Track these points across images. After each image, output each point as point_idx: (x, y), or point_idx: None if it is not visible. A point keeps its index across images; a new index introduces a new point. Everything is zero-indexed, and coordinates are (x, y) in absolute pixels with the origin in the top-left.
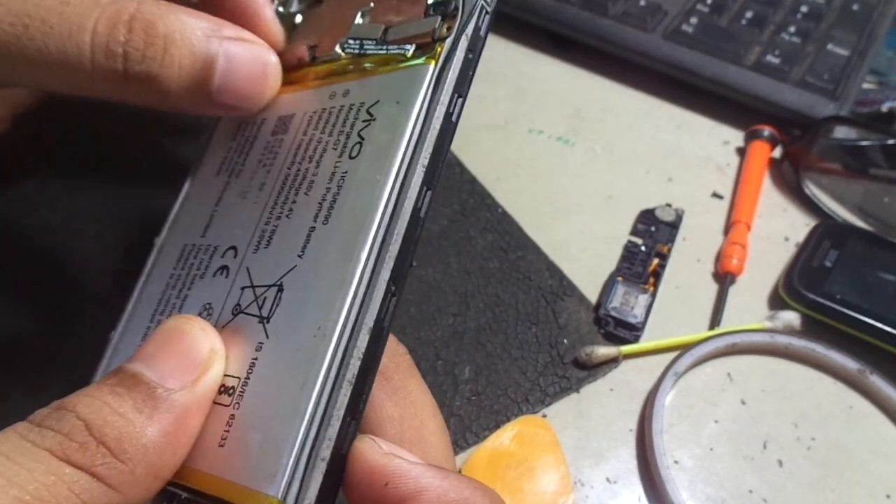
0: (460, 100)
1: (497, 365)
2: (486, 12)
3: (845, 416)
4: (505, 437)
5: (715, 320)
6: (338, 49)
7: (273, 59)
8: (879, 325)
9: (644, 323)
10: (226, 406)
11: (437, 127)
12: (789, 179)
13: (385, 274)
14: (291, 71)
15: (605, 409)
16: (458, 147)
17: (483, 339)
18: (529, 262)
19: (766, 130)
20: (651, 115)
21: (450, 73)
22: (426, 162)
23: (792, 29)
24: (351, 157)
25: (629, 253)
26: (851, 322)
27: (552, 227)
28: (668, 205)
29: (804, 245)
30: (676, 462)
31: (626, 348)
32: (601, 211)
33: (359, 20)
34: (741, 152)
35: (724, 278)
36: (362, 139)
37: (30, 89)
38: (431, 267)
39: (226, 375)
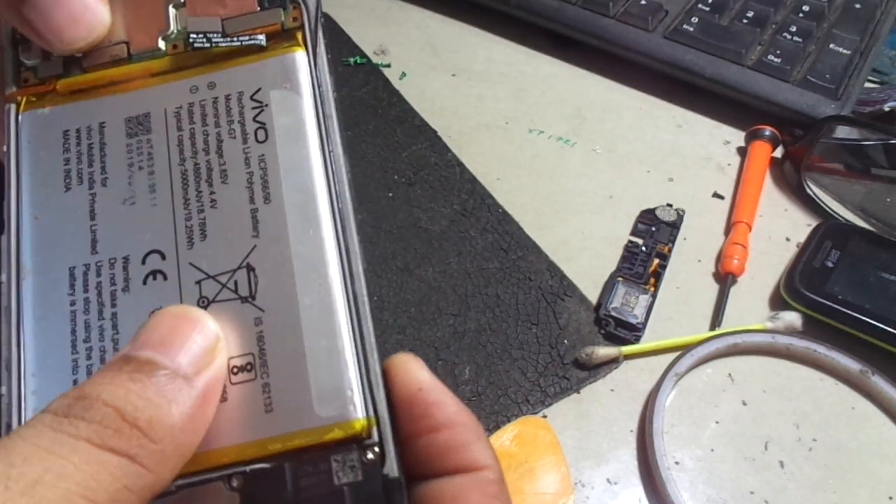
0: (332, 77)
1: (497, 365)
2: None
3: (847, 416)
4: (505, 437)
5: (716, 321)
6: (161, 44)
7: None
8: (881, 325)
9: (644, 323)
10: (253, 380)
11: (332, 100)
12: (790, 179)
13: (351, 225)
14: (103, 67)
15: (606, 410)
16: (458, 147)
17: (483, 340)
18: (530, 262)
19: (768, 130)
20: (652, 115)
21: (320, 57)
22: (338, 130)
23: (793, 28)
24: (259, 142)
25: (630, 253)
26: (853, 322)
27: (552, 227)
28: (669, 205)
29: (805, 245)
30: (677, 463)
31: (626, 349)
32: (601, 211)
33: (172, 13)
34: (742, 152)
35: (725, 278)
36: (263, 123)
37: None
38: (431, 267)
39: (236, 357)
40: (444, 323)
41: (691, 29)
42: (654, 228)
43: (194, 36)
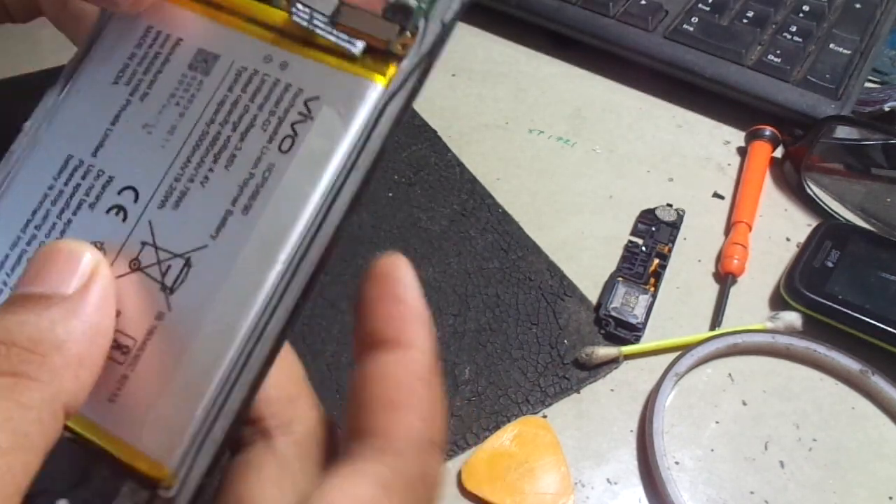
0: (397, 131)
1: (497, 365)
2: (443, 41)
3: (847, 417)
4: (505, 437)
5: (716, 321)
6: None
7: None
8: (881, 325)
9: (644, 323)
10: (119, 364)
11: (373, 153)
12: (790, 179)
13: (297, 290)
14: None
15: (606, 410)
16: (458, 147)
17: (483, 340)
18: (530, 262)
19: (768, 130)
20: (652, 115)
21: (396, 102)
22: (355, 188)
23: (793, 28)
24: (281, 151)
25: (630, 253)
26: (853, 322)
27: (552, 227)
28: (669, 205)
29: (805, 245)
30: (677, 463)
31: (626, 349)
32: (602, 211)
33: None
34: (742, 152)
35: (725, 278)
36: (295, 134)
37: None
38: (431, 267)
39: (121, 333)
40: (444, 323)
41: (691, 29)
42: (654, 228)
43: (300, 8)
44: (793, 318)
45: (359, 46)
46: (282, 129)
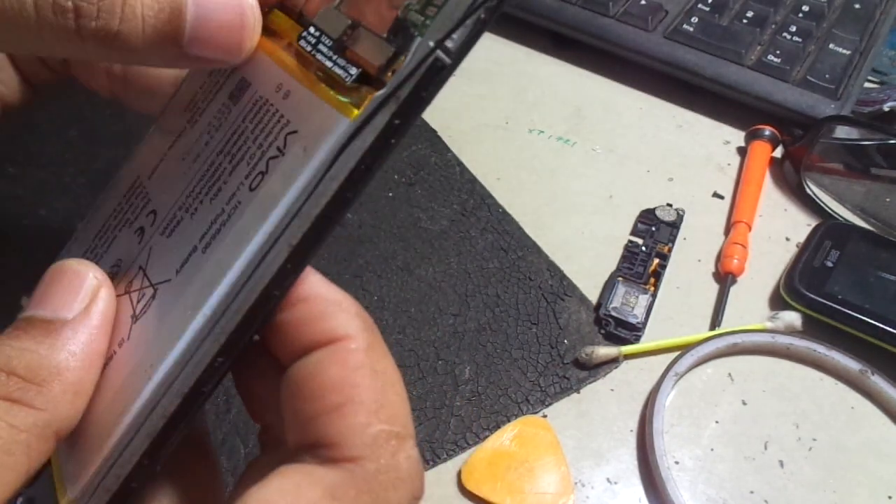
0: (367, 173)
1: (497, 365)
2: (443, 66)
3: (847, 416)
4: (505, 437)
5: (716, 320)
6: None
7: (251, 2)
8: (881, 325)
9: (644, 323)
10: None
11: (323, 202)
12: (790, 179)
13: (212, 347)
14: (279, 16)
15: (606, 410)
16: (458, 147)
17: (483, 340)
18: (530, 262)
19: (767, 130)
20: (651, 115)
21: (362, 138)
22: (294, 241)
23: (793, 28)
24: (250, 189)
25: (630, 253)
26: (853, 322)
27: (552, 227)
28: (669, 205)
29: (805, 245)
30: (677, 462)
31: (626, 348)
32: (601, 211)
33: None
34: (742, 152)
35: (724, 278)
36: (266, 172)
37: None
38: (431, 267)
39: None
40: (444, 323)
41: (691, 29)
42: (654, 228)
43: (311, 32)
44: (792, 317)
45: (352, 73)
46: (259, 165)
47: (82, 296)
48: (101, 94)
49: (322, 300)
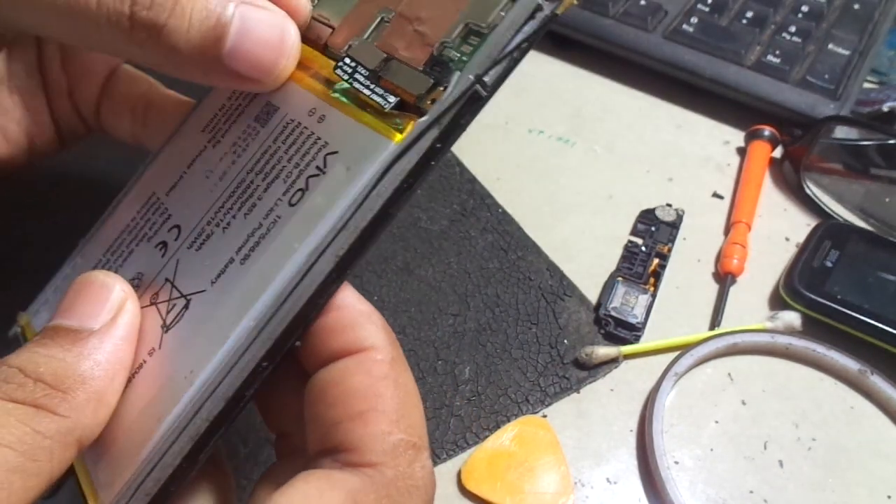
0: (408, 192)
1: (497, 365)
2: (480, 97)
3: (846, 416)
4: (505, 437)
5: (715, 320)
6: (345, 50)
7: (293, 30)
8: (880, 325)
9: (644, 323)
10: None
11: (370, 213)
12: (790, 179)
13: (258, 352)
14: (305, 48)
15: (606, 410)
16: (459, 147)
17: (483, 340)
18: (529, 262)
19: (767, 130)
20: (651, 115)
21: (407, 160)
22: (341, 252)
23: (792, 28)
24: (290, 204)
25: (629, 253)
26: (852, 322)
27: (552, 227)
28: (669, 205)
29: (805, 245)
30: (677, 462)
31: (626, 348)
32: (601, 211)
33: (372, 28)
34: (742, 152)
35: (724, 278)
36: (306, 189)
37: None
38: (431, 267)
39: None
40: (444, 323)
41: (691, 29)
42: (653, 228)
43: (346, 63)
44: (792, 317)
45: (391, 101)
46: (297, 183)
47: (109, 307)
48: (126, 140)
49: (353, 310)
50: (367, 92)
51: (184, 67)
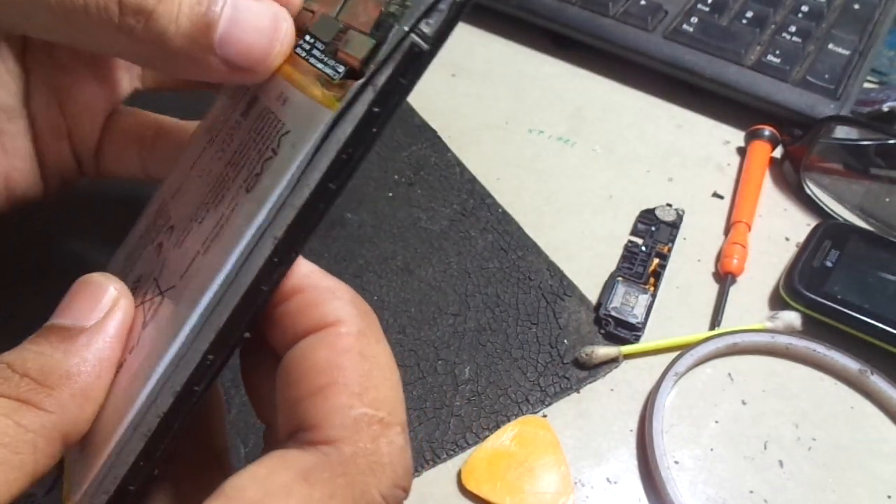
0: (349, 163)
1: (497, 365)
2: (421, 51)
3: (846, 416)
4: (505, 437)
5: (715, 320)
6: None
7: (286, 17)
8: (880, 325)
9: (644, 323)
10: None
11: (306, 192)
12: (790, 179)
13: (202, 345)
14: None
15: (606, 410)
16: (458, 147)
17: (483, 339)
18: (529, 262)
19: (767, 130)
20: (651, 115)
21: (343, 127)
22: (279, 233)
23: (792, 28)
24: (247, 190)
25: (629, 253)
26: (852, 322)
27: (552, 227)
28: (669, 205)
29: (805, 245)
30: (677, 462)
31: (626, 348)
32: (601, 211)
33: (341, 5)
34: (742, 152)
35: (724, 278)
36: (261, 173)
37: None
38: (431, 267)
39: None
40: (444, 323)
41: (691, 29)
42: (653, 228)
43: (306, 39)
44: (792, 317)
45: (340, 71)
46: (255, 168)
47: (101, 306)
48: (133, 175)
49: (315, 289)
50: (320, 66)
51: (174, 59)
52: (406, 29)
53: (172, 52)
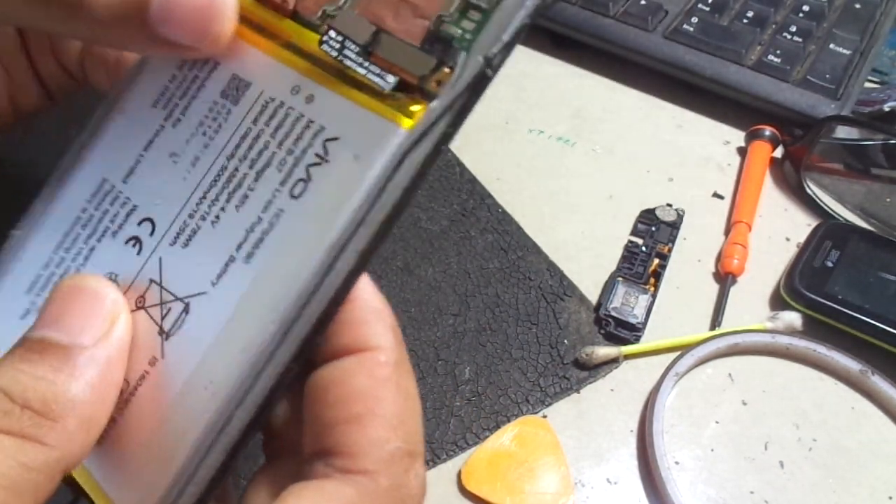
0: (423, 177)
1: (497, 365)
2: (487, 79)
3: (847, 416)
4: (505, 437)
5: (716, 321)
6: (317, 17)
7: None
8: (881, 325)
9: (644, 323)
10: None
11: (389, 206)
12: (790, 179)
13: (285, 356)
14: (266, 12)
15: (606, 410)
16: (459, 147)
17: (483, 340)
18: (529, 262)
19: (767, 130)
20: (651, 115)
21: (422, 149)
22: (362, 246)
23: (793, 28)
24: (293, 196)
25: (630, 253)
26: (853, 322)
27: (552, 227)
28: (669, 205)
29: (805, 245)
30: (677, 463)
31: (626, 349)
32: (601, 211)
33: None
34: (742, 152)
35: (724, 278)
36: (309, 179)
37: None
38: (431, 267)
39: None
40: (444, 323)
41: (691, 29)
42: (654, 228)
43: (332, 37)
44: (793, 317)
45: (390, 82)
46: (296, 172)
47: (101, 320)
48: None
49: (365, 306)
50: (361, 71)
51: (111, 35)
52: (481, 60)
53: (104, 26)
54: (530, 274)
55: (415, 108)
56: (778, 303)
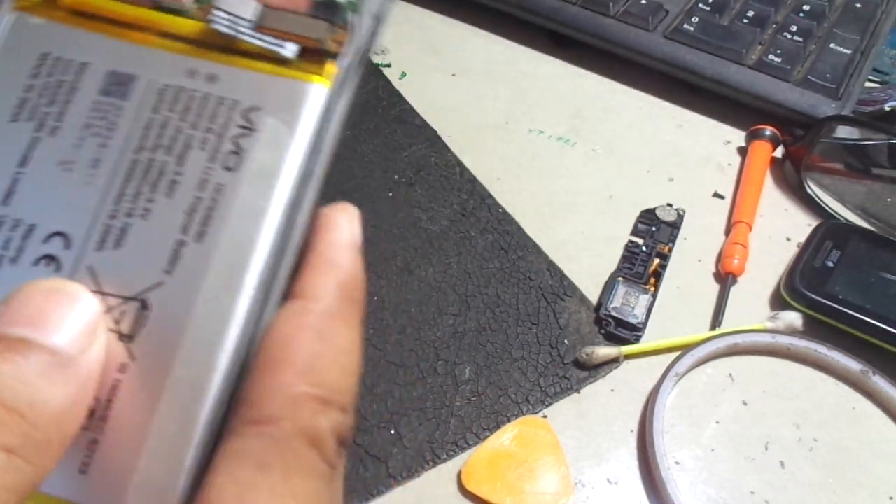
0: (346, 128)
1: (497, 365)
2: (376, 34)
3: (847, 416)
4: (505, 437)
5: (716, 321)
6: (189, 1)
7: None
8: (882, 325)
9: (645, 323)
10: (84, 428)
11: (328, 156)
12: (791, 179)
13: (272, 310)
14: (126, 7)
15: (606, 410)
16: (459, 147)
17: (483, 340)
18: (530, 262)
19: (768, 130)
20: (652, 115)
21: (343, 101)
22: (314, 194)
23: (794, 28)
24: (228, 169)
25: (630, 253)
26: (854, 322)
27: (552, 227)
28: (669, 205)
29: (806, 245)
30: (677, 463)
31: (626, 349)
32: (602, 211)
33: None
34: (742, 152)
35: (725, 278)
36: (240, 150)
37: None
38: (431, 267)
39: None
40: (444, 323)
41: (691, 29)
42: (654, 228)
43: (219, 14)
44: (793, 317)
45: (290, 48)
46: (224, 146)
47: (86, 328)
48: None
49: (321, 257)
50: (260, 43)
51: None
52: (371, 16)
53: None
54: (530, 274)
55: (326, 66)
56: (778, 303)
